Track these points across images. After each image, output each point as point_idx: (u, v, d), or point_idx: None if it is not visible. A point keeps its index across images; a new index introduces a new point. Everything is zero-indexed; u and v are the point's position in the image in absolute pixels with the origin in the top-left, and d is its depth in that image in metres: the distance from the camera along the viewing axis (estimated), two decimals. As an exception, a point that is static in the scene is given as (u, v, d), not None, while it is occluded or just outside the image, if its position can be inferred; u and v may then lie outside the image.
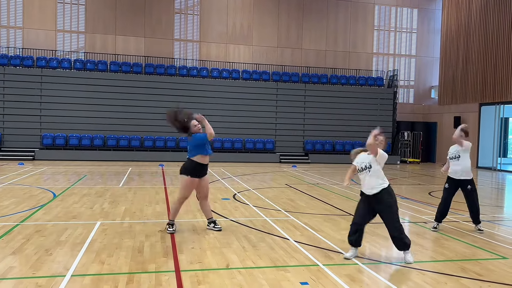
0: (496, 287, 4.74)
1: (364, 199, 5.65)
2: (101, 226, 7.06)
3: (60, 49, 22.56)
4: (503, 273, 5.24)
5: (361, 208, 5.68)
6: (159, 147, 21.17)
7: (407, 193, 11.99)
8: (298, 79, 24.10)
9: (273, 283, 4.68)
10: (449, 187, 7.40)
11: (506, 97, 20.33)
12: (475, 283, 4.86)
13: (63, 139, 20.23)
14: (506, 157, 24.41)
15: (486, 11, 21.82)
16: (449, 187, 7.40)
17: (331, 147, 23.16)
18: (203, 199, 6.95)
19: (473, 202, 7.28)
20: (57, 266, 5.02)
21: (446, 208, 7.40)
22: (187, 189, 6.70)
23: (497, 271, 5.29)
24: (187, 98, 21.83)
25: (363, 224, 5.64)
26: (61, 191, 10.62)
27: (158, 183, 12.63)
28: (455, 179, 7.32)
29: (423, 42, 26.99)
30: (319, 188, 12.45)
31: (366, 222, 5.66)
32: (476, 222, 7.35)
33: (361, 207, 5.68)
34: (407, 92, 27.18)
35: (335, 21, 25.59)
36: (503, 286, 4.78)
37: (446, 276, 5.06)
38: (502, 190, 14.39)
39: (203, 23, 24.12)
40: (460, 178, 7.26)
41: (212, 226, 7.00)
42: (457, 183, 7.32)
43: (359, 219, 5.63)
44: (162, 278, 4.75)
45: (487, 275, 5.13)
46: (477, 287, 4.74)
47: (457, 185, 7.34)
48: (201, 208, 7.12)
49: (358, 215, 5.66)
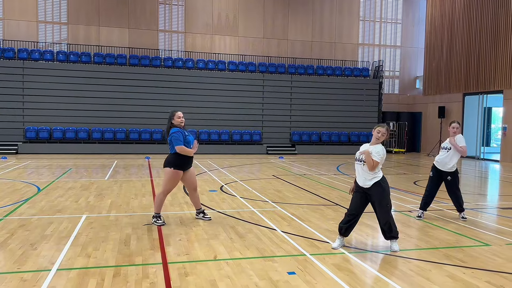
0: (479, 273, 4.84)
1: (359, 189, 5.62)
2: (87, 219, 7.00)
3: (42, 40, 22.15)
4: (486, 259, 5.35)
5: (355, 198, 5.64)
6: (145, 140, 21.01)
7: (392, 183, 12.11)
8: (284, 70, 24.08)
9: (260, 273, 4.70)
10: (433, 175, 7.51)
11: (489, 87, 20.62)
12: (459, 269, 4.95)
13: (47, 132, 19.93)
14: (489, 146, 24.80)
15: (469, 2, 22.01)
16: (433, 175, 7.51)
17: (318, 138, 23.26)
18: (191, 191, 6.93)
19: (453, 192, 7.41)
20: (42, 261, 4.97)
21: (430, 197, 7.51)
22: (171, 181, 6.65)
23: (480, 258, 5.39)
24: (172, 90, 21.72)
25: (357, 215, 5.61)
26: (46, 184, 10.49)
27: (145, 176, 12.55)
28: (438, 169, 7.43)
29: (408, 33, 27.16)
30: (306, 179, 12.51)
31: (361, 212, 5.64)
32: (459, 211, 7.48)
33: (355, 197, 5.64)
34: (392, 83, 27.38)
35: (320, 12, 25.57)
36: (486, 272, 4.88)
37: (431, 264, 5.14)
38: (485, 179, 14.65)
39: (188, 14, 23.88)
40: (443, 169, 7.37)
41: (201, 216, 7.01)
42: (440, 173, 7.43)
43: (353, 209, 5.60)
44: (149, 270, 4.73)
45: (470, 262, 5.23)
46: (461, 273, 4.83)
47: (440, 174, 7.45)
48: (190, 200, 7.12)
49: (353, 205, 5.62)
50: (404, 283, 4.52)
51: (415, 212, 7.82)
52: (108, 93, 21.00)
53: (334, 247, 5.61)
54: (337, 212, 7.90)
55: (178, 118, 6.64)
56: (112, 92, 21.07)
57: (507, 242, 6.15)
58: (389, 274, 4.78)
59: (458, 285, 4.48)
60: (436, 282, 4.55)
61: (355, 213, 5.59)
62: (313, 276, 4.64)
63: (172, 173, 6.61)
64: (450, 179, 7.36)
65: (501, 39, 19.96)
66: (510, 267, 5.08)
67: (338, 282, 4.48)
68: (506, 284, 4.53)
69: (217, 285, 4.35)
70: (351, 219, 5.59)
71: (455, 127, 7.43)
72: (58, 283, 4.34)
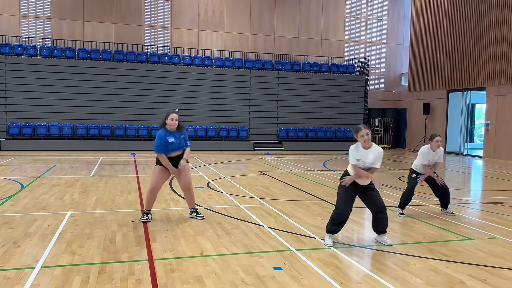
0: (462, 267, 4.92)
1: (353, 188, 5.64)
2: (72, 216, 6.93)
3: (25, 35, 21.76)
4: (469, 253, 5.44)
5: (348, 198, 5.64)
6: (131, 136, 20.83)
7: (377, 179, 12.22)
8: (271, 67, 24.08)
9: (247, 269, 4.71)
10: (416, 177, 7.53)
11: (473, 84, 20.92)
12: (442, 263, 5.03)
13: (30, 129, 19.63)
14: (472, 142, 25.20)
15: (454, 0, 22.25)
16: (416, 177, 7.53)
17: (304, 134, 23.34)
18: (184, 191, 6.87)
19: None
20: (26, 258, 4.91)
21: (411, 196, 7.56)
22: (157, 177, 6.66)
23: (463, 252, 5.49)
24: (158, 86, 21.56)
25: (349, 215, 5.69)
26: (29, 181, 10.34)
27: (130, 172, 12.46)
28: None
29: (393, 30, 27.37)
30: (293, 175, 12.56)
31: (350, 212, 5.71)
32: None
33: (349, 198, 5.65)
34: (378, 79, 27.59)
35: (307, 8, 25.61)
36: (468, 266, 4.97)
37: (415, 258, 5.21)
38: (468, 174, 14.88)
39: (174, 9, 23.69)
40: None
41: (194, 215, 6.99)
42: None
43: (347, 210, 5.63)
44: (135, 267, 4.71)
45: (453, 256, 5.32)
46: (444, 267, 4.91)
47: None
48: (185, 198, 7.08)
49: (346, 206, 5.63)
50: (389, 277, 4.58)
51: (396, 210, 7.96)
52: (93, 89, 20.76)
53: (329, 244, 5.59)
54: (323, 208, 7.95)
55: (171, 120, 6.51)
56: (97, 88, 20.83)
57: (489, 236, 6.27)
58: (374, 269, 4.83)
59: (441, 279, 4.55)
60: (420, 276, 4.62)
61: (347, 213, 5.66)
62: (299, 271, 4.67)
63: (157, 169, 6.67)
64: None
65: (484, 36, 20.25)
66: (491, 260, 5.18)
67: (324, 277, 4.51)
68: (487, 277, 4.62)
69: (203, 281, 4.35)
70: (344, 219, 5.67)
71: (440, 140, 7.31)
72: (42, 280, 4.29)
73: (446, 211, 7.60)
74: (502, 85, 19.30)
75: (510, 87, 18.86)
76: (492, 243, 5.92)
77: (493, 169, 15.60)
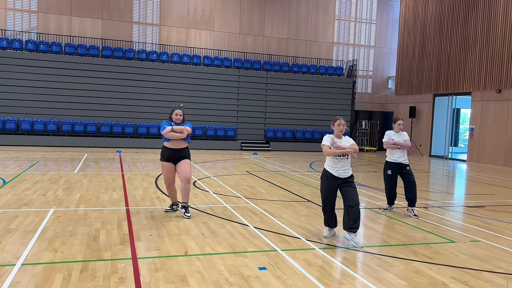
0: (445, 269, 4.97)
1: (333, 185, 5.84)
2: (55, 213, 6.82)
3: (10, 28, 21.39)
4: (451, 256, 5.50)
5: (331, 195, 5.91)
6: (117, 133, 20.61)
7: (363, 180, 12.32)
8: (260, 67, 24.08)
9: (231, 268, 4.69)
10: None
11: (459, 89, 21.21)
12: (426, 265, 5.08)
13: (14, 124, 19.30)
14: (457, 146, 25.54)
15: (441, 5, 22.54)
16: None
17: (292, 135, 23.39)
18: (183, 181, 6.87)
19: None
20: (7, 255, 4.81)
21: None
22: (164, 171, 6.97)
23: (446, 254, 5.55)
24: (146, 83, 21.39)
25: (333, 204, 5.97)
26: (12, 177, 10.16)
27: (116, 170, 12.33)
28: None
29: (381, 33, 27.60)
30: (279, 175, 12.57)
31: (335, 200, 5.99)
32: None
33: (331, 194, 5.91)
34: (366, 82, 27.79)
35: (297, 10, 25.67)
36: (451, 268, 5.02)
37: (399, 260, 5.25)
38: (452, 178, 15.07)
39: (163, 6, 23.53)
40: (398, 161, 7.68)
41: (183, 212, 6.97)
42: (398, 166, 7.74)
43: (332, 206, 5.96)
44: (118, 265, 4.65)
45: (436, 258, 5.37)
46: (427, 269, 4.95)
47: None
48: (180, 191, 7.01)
49: (331, 203, 5.95)
50: (372, 278, 4.60)
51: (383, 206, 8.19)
52: (79, 85, 20.49)
53: (325, 235, 6.04)
54: (309, 209, 7.97)
55: (175, 115, 6.99)
56: (84, 84, 20.57)
57: (472, 239, 6.35)
58: (359, 270, 4.85)
59: (424, 281, 4.59)
60: (403, 278, 4.65)
61: (333, 209, 5.98)
62: (284, 272, 4.66)
63: (161, 165, 7.04)
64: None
65: (471, 42, 20.54)
66: (473, 263, 5.24)
67: (308, 278, 4.52)
68: (469, 280, 4.68)
69: (187, 281, 4.31)
70: (331, 214, 5.99)
71: (401, 124, 7.77)
72: (23, 278, 4.21)
73: (412, 209, 7.62)
74: (487, 91, 19.60)
75: (494, 92, 19.16)
76: (474, 246, 5.99)
77: (476, 173, 15.83)
